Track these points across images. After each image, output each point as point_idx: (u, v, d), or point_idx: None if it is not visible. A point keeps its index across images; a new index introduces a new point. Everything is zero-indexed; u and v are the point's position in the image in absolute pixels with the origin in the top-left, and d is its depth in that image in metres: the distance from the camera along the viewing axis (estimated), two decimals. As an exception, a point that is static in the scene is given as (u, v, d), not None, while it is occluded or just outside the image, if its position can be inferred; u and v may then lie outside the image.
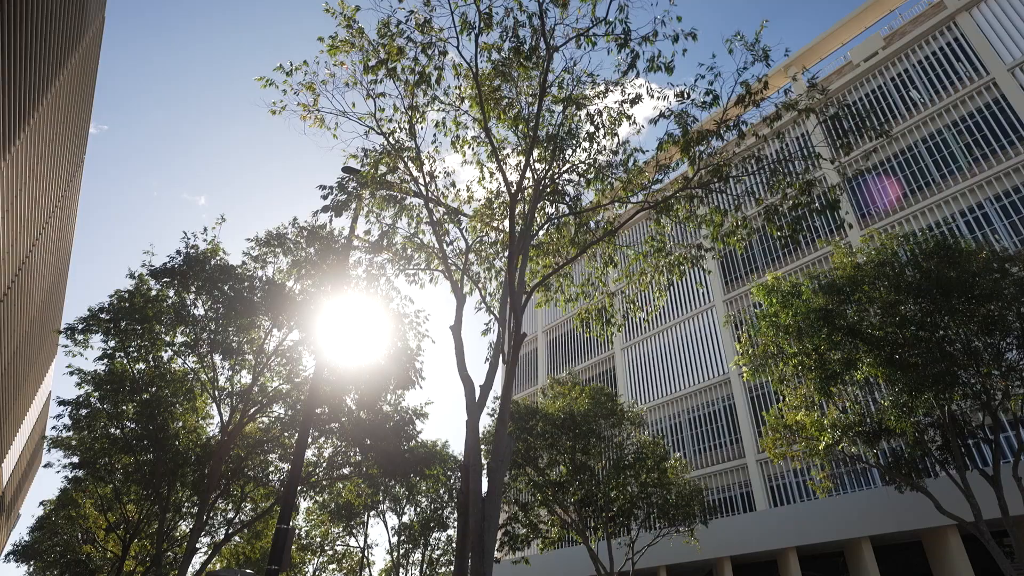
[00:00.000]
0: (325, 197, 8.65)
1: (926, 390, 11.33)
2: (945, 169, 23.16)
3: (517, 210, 8.17)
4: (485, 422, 16.41)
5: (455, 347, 5.70)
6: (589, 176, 8.98)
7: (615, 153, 9.03)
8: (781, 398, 15.53)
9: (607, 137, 8.85)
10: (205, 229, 14.34)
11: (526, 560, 18.93)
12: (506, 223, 9.59)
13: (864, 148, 25.09)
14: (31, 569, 28.97)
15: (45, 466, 20.89)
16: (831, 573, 18.99)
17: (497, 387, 25.10)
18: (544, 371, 41.88)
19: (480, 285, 9.52)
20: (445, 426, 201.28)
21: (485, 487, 4.48)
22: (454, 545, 21.21)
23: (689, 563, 19.83)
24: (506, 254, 8.98)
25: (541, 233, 9.60)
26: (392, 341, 13.19)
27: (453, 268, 8.93)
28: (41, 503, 27.91)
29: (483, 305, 9.31)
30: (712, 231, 8.68)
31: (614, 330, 9.46)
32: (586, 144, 8.85)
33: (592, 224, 9.69)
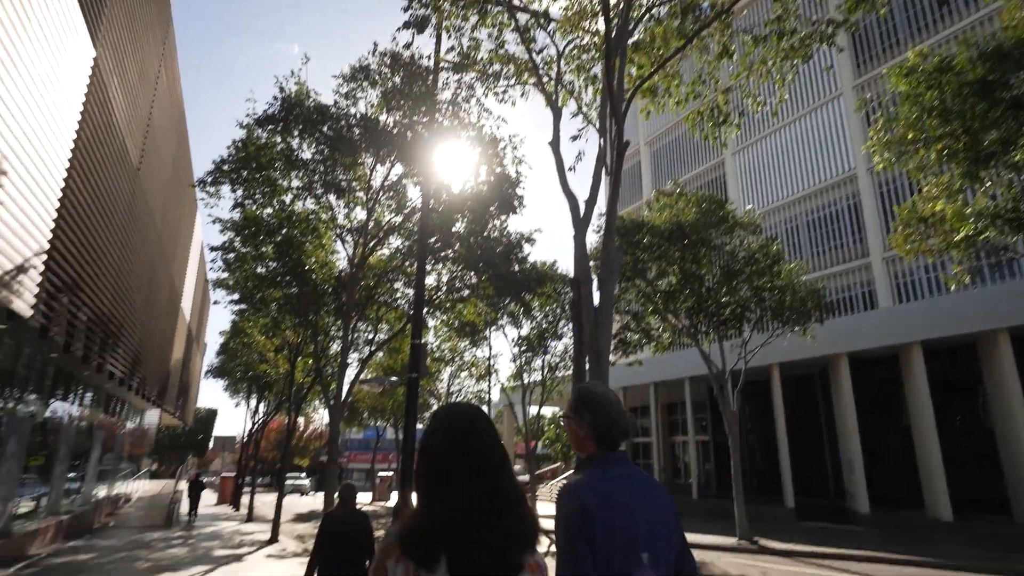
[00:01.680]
0: (406, 10, 8.13)
1: (1107, 164, 9.70)
2: None
3: (611, 2, 7.26)
4: (591, 239, 16.54)
5: (555, 162, 5.50)
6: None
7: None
8: (917, 189, 14.07)
9: None
10: (292, 72, 14.33)
11: (639, 362, 20.12)
12: (599, 22, 8.64)
13: None
14: (226, 383, 35.43)
15: (214, 303, 24.31)
16: (960, 367, 18.54)
17: (601, 203, 24.88)
18: (648, 184, 40.65)
19: (575, 95, 8.93)
20: (551, 248, 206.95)
21: (597, 299, 4.58)
22: (571, 352, 22.86)
23: (803, 360, 20.14)
24: (602, 58, 8.20)
25: (641, 28, 8.57)
26: (490, 166, 13.15)
27: (545, 80, 8.37)
28: (220, 332, 33.25)
29: (581, 115, 8.80)
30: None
31: (729, 131, 8.63)
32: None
33: (702, 7, 8.44)
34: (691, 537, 15.83)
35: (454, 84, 10.26)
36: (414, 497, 1.53)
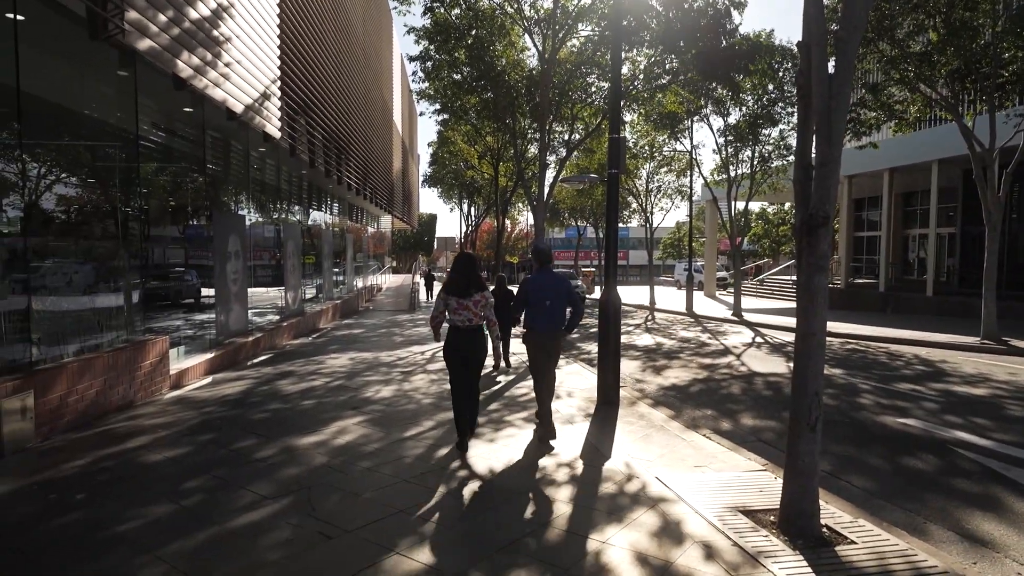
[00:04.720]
0: None
1: None
2: None
3: None
4: (823, -6, 13.56)
5: None
6: None
7: None
8: None
9: None
10: None
11: (874, 144, 17.31)
12: None
13: None
14: (440, 191, 38.91)
15: (420, 115, 25.70)
16: None
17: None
18: (908, -93, 30.91)
19: None
20: (767, 16, 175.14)
21: (831, 66, 3.84)
22: (787, 140, 20.34)
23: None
24: None
25: None
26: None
27: None
28: (428, 144, 35.76)
29: None
30: None
31: None
32: None
33: None
34: (919, 335, 14.56)
35: None
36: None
